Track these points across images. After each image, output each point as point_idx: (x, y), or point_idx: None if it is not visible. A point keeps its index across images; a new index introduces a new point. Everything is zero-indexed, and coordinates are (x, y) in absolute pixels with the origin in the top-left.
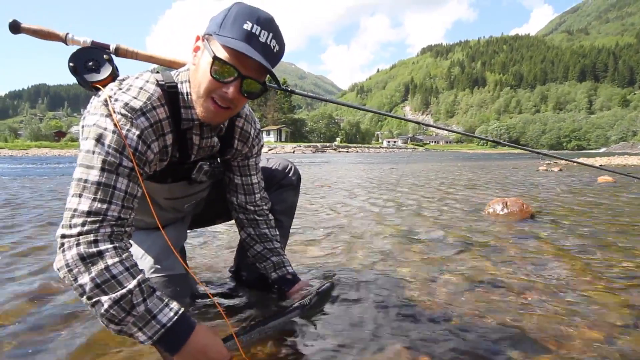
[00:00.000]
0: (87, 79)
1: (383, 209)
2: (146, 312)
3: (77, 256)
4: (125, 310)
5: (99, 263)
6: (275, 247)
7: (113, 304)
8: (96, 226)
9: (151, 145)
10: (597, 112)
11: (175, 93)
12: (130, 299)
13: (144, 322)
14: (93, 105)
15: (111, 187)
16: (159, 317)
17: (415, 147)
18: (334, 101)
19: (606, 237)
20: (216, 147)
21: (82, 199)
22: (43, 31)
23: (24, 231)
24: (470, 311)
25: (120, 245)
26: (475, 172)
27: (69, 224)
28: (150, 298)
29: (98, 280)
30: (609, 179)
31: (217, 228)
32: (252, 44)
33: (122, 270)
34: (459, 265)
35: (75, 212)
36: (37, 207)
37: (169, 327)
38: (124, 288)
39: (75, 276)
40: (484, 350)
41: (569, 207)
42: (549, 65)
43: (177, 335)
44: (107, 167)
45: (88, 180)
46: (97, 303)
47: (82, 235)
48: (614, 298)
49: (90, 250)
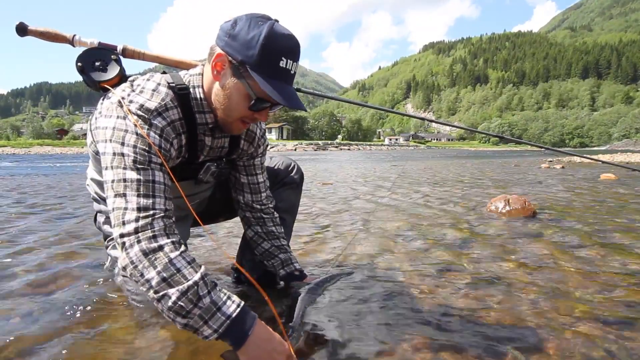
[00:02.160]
0: (94, 79)
1: (383, 207)
2: (212, 303)
3: (140, 252)
4: (192, 302)
5: (162, 257)
6: (283, 245)
7: (181, 296)
8: (149, 220)
9: (173, 142)
10: (600, 109)
11: (186, 95)
12: (196, 291)
13: (210, 314)
14: (105, 106)
15: (151, 182)
16: (224, 309)
17: (417, 144)
18: (338, 98)
19: (609, 234)
20: (226, 148)
21: (127, 197)
22: (50, 33)
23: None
24: (471, 308)
25: (176, 239)
26: (477, 170)
27: (122, 221)
28: (214, 291)
29: (164, 274)
30: (612, 177)
31: (219, 226)
32: (287, 81)
33: (185, 264)
34: (460, 262)
35: (125, 211)
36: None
37: (234, 318)
38: (190, 280)
39: (141, 272)
40: (484, 347)
41: (571, 204)
42: (552, 62)
43: (242, 326)
44: (140, 166)
45: (127, 179)
46: (164, 296)
47: (139, 231)
48: (616, 296)
49: (152, 245)
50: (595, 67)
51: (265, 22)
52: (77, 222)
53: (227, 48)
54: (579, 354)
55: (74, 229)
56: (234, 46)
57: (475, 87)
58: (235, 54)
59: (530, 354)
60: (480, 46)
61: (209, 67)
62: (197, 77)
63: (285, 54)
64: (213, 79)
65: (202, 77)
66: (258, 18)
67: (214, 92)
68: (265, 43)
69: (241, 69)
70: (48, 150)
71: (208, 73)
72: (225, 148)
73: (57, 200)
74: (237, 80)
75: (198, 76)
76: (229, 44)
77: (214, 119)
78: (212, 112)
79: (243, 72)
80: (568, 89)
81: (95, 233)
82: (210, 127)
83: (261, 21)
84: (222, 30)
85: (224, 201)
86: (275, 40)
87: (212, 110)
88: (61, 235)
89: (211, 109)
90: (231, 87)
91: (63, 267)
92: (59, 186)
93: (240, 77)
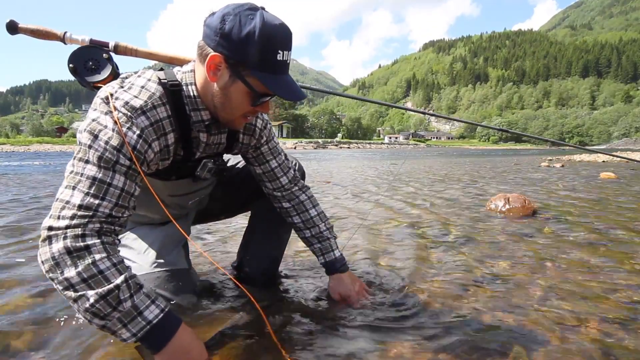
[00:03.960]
0: (88, 80)
1: (383, 205)
2: (133, 308)
3: (64, 249)
4: (111, 305)
5: (86, 257)
6: (321, 232)
7: (99, 299)
8: (85, 221)
9: (152, 144)
10: (600, 108)
11: (178, 92)
12: (117, 294)
13: (129, 318)
14: (94, 102)
15: (106, 184)
16: (145, 314)
17: (416, 143)
18: (340, 94)
19: (609, 233)
20: (223, 144)
21: (75, 191)
22: (41, 31)
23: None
24: (471, 307)
25: (107, 240)
26: (477, 168)
27: (58, 215)
28: (137, 294)
29: (85, 274)
30: (612, 175)
31: (219, 224)
32: (285, 72)
33: (110, 266)
34: (460, 261)
35: (66, 205)
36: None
37: (154, 324)
38: (111, 283)
39: (61, 269)
40: (485, 346)
41: (571, 203)
42: (552, 60)
43: (162, 332)
44: (104, 164)
45: (83, 174)
46: (81, 297)
47: (69, 228)
48: (617, 294)
49: (77, 244)
50: (595, 66)
51: (254, 14)
52: None
53: (220, 48)
54: (581, 353)
55: None
56: (227, 47)
57: (475, 85)
58: (230, 54)
59: (531, 353)
60: (481, 44)
61: (202, 67)
62: (189, 75)
63: (280, 47)
64: (209, 80)
65: (194, 75)
66: (246, 11)
67: (212, 93)
68: (261, 40)
69: (239, 68)
70: (48, 148)
71: (201, 72)
72: (223, 144)
73: None
74: (236, 80)
75: (190, 73)
76: (222, 44)
77: (209, 115)
78: (207, 109)
79: (241, 72)
80: (568, 88)
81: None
82: (206, 124)
83: (250, 14)
84: (209, 28)
85: (225, 199)
86: (270, 35)
87: (206, 107)
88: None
89: (206, 106)
90: (230, 87)
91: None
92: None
93: (239, 76)
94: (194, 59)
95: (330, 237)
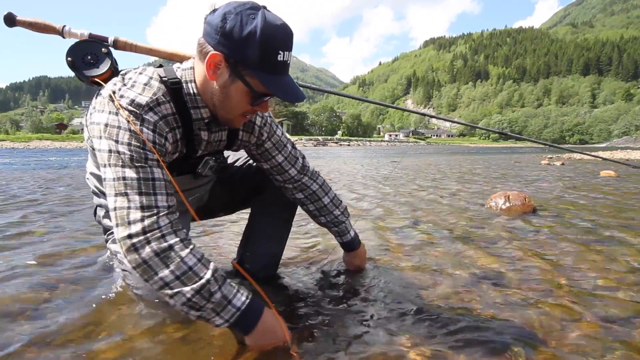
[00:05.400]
0: (86, 74)
1: (382, 203)
2: (223, 298)
3: (152, 252)
4: (205, 298)
5: (174, 257)
6: (336, 217)
7: (195, 294)
8: (155, 219)
9: (167, 136)
10: (601, 106)
11: (179, 90)
12: (209, 288)
13: (221, 307)
14: (98, 102)
15: (150, 180)
16: (234, 302)
17: (417, 140)
18: (338, 93)
19: (609, 231)
20: (224, 141)
21: (128, 196)
22: (39, 24)
23: None
24: (470, 305)
25: (183, 236)
26: (477, 166)
27: (127, 221)
28: (224, 285)
29: (177, 272)
30: (612, 174)
31: (219, 220)
32: (285, 73)
33: (196, 262)
34: (460, 259)
35: (129, 210)
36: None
37: (243, 310)
38: (202, 279)
39: (154, 271)
40: (485, 345)
41: (571, 201)
42: (553, 58)
43: (250, 316)
44: (138, 163)
45: (126, 177)
46: (177, 294)
47: (147, 232)
48: (618, 293)
49: (162, 245)
50: (596, 64)
51: (256, 13)
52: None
53: (221, 47)
54: (582, 352)
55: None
56: (228, 46)
57: (475, 83)
58: (231, 53)
59: (532, 352)
60: (481, 42)
61: (201, 65)
62: (189, 72)
63: (281, 47)
64: (208, 78)
65: (194, 72)
66: (248, 10)
67: (211, 91)
68: (262, 40)
69: (239, 68)
70: (47, 145)
71: (200, 70)
72: (224, 141)
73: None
74: (235, 79)
75: (190, 70)
76: (223, 43)
77: (209, 113)
78: (207, 106)
79: (242, 71)
80: (569, 86)
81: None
82: (207, 122)
83: (252, 14)
84: (210, 26)
85: (224, 196)
86: (271, 36)
87: (206, 105)
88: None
89: (205, 104)
90: (230, 86)
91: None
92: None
93: (239, 76)
94: (194, 55)
95: (345, 221)
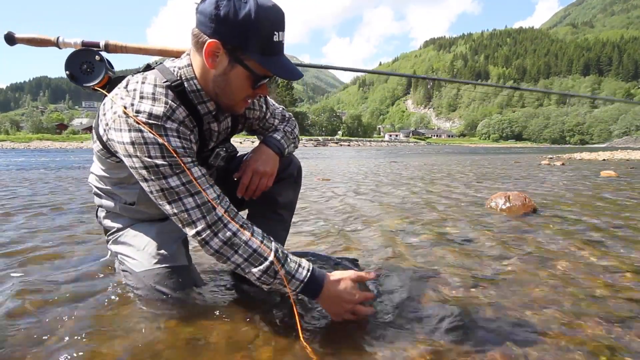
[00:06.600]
0: (85, 85)
1: (382, 202)
2: (287, 274)
3: (220, 242)
4: (271, 276)
5: (239, 242)
6: (275, 126)
7: (262, 274)
8: (213, 213)
9: (190, 138)
10: (601, 107)
11: (182, 91)
12: (273, 268)
13: (287, 281)
14: (112, 119)
15: (193, 179)
16: (297, 276)
17: (417, 140)
18: (345, 68)
19: (610, 231)
20: (229, 127)
21: (182, 200)
22: (36, 39)
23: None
24: (472, 305)
25: (243, 222)
26: (477, 166)
27: (191, 222)
28: (286, 263)
29: (245, 255)
30: (612, 173)
31: None
32: (281, 53)
33: (259, 244)
34: (460, 259)
35: (189, 211)
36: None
37: (306, 282)
38: (267, 260)
39: (226, 256)
40: (485, 344)
41: (572, 201)
42: (553, 58)
43: (313, 286)
44: (177, 170)
45: (172, 186)
46: (249, 273)
47: (211, 225)
48: (618, 292)
49: (227, 234)
50: (596, 64)
51: None
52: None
53: (217, 35)
54: (582, 352)
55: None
56: (224, 32)
57: None
58: (228, 39)
59: (531, 352)
60: (482, 42)
61: (199, 56)
62: (187, 69)
63: (276, 28)
64: (208, 68)
65: (193, 68)
66: None
67: (212, 80)
68: (257, 23)
69: (238, 52)
70: (48, 145)
71: (199, 61)
72: (229, 127)
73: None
74: (235, 65)
75: (188, 68)
76: (218, 30)
77: (214, 105)
78: (212, 99)
79: (240, 56)
80: (569, 86)
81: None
82: (214, 114)
83: None
84: (203, 15)
85: (225, 191)
86: (265, 18)
87: (211, 98)
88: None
89: (210, 97)
90: (230, 72)
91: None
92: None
93: (238, 60)
94: (187, 50)
95: (280, 129)
